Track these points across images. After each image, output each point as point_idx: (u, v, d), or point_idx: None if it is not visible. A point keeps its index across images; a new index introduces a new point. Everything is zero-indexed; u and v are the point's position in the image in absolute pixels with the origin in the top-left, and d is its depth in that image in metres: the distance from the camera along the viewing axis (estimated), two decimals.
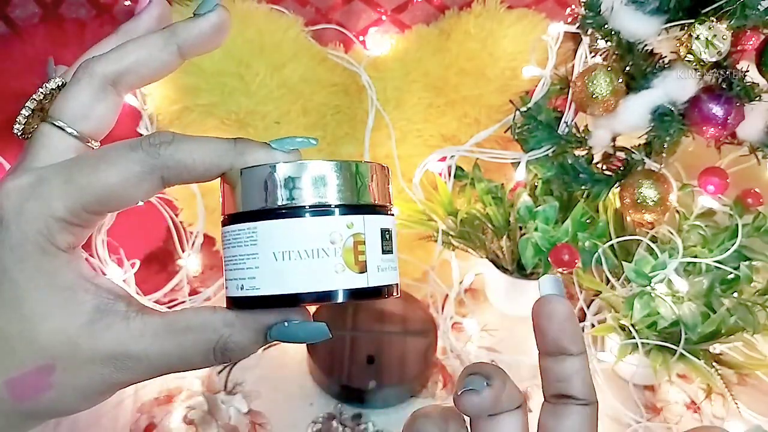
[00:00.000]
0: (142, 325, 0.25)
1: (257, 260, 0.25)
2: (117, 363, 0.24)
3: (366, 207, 0.25)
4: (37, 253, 0.24)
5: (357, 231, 0.25)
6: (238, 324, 0.25)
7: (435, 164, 0.70)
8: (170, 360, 0.25)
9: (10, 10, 0.66)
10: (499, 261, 0.72)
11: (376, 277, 0.25)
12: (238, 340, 0.25)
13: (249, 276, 0.25)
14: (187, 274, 0.78)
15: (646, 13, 0.54)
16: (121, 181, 0.25)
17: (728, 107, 0.54)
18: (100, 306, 0.25)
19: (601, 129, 0.60)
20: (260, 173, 0.25)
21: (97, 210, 0.25)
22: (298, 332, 0.25)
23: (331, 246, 0.24)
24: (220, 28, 0.28)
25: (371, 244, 0.25)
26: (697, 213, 0.64)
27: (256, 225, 0.25)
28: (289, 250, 0.24)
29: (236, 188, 0.25)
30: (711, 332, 0.60)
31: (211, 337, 0.25)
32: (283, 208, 0.25)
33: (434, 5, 0.72)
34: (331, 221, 0.25)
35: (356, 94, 0.72)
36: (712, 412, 0.67)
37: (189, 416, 0.67)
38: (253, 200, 0.25)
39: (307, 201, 0.25)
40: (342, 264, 0.24)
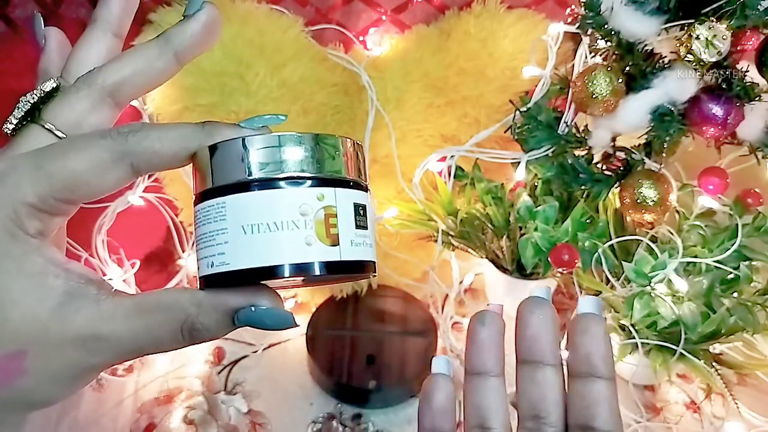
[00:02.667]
0: (112, 307, 0.25)
1: (226, 235, 0.24)
2: (88, 345, 0.24)
3: (338, 180, 0.25)
4: (5, 239, 0.24)
5: (328, 203, 0.24)
6: (205, 304, 0.25)
7: (435, 164, 0.70)
8: (140, 340, 0.25)
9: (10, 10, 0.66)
10: (499, 261, 0.72)
11: (350, 251, 0.25)
12: (204, 321, 0.25)
13: (219, 252, 0.24)
14: (187, 274, 0.78)
15: (646, 13, 0.54)
16: (89, 168, 0.25)
17: (728, 107, 0.54)
18: (70, 290, 0.25)
19: (601, 129, 0.60)
20: (227, 148, 0.25)
21: (66, 197, 0.25)
22: (264, 318, 0.25)
23: (302, 218, 0.24)
24: (211, 27, 0.28)
25: (343, 218, 0.25)
26: (697, 213, 0.64)
27: (225, 200, 0.24)
28: (258, 223, 0.24)
29: (204, 166, 0.25)
30: (711, 332, 0.60)
31: (178, 317, 0.25)
32: (252, 182, 0.24)
33: (434, 5, 0.72)
34: (301, 192, 0.24)
35: (356, 94, 0.72)
36: (712, 412, 0.67)
37: (189, 416, 0.67)
38: (221, 176, 0.25)
39: (275, 173, 0.24)
40: (313, 236, 0.24)
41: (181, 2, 0.65)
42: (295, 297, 0.80)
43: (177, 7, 0.65)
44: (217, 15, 0.28)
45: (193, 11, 0.28)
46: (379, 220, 0.72)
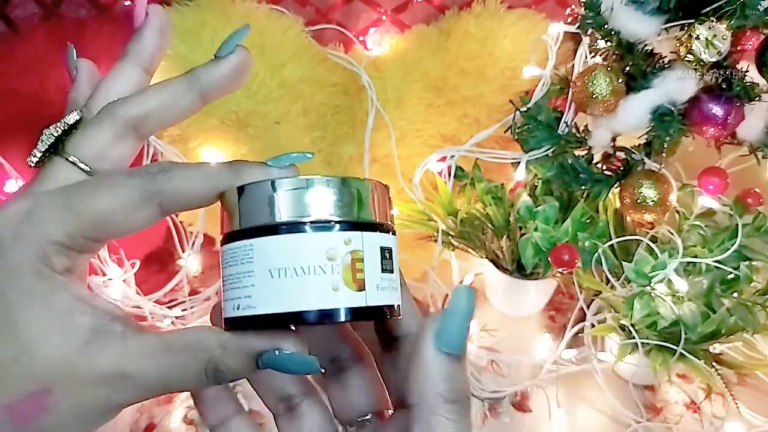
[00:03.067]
0: (138, 345, 0.24)
1: (253, 278, 0.24)
2: (114, 383, 0.24)
3: (365, 224, 0.25)
4: (33, 277, 0.24)
5: (355, 248, 0.24)
6: (230, 346, 0.25)
7: (435, 164, 0.70)
8: (165, 378, 0.24)
9: (10, 10, 0.66)
10: (499, 261, 0.72)
11: (375, 296, 0.24)
12: (229, 363, 0.25)
13: (245, 295, 0.24)
14: (187, 274, 0.78)
15: (646, 13, 0.54)
16: (118, 207, 0.25)
17: (728, 107, 0.54)
18: (96, 327, 0.24)
19: (601, 129, 0.60)
20: (255, 190, 0.25)
21: (94, 236, 0.25)
22: (288, 363, 0.24)
23: (329, 263, 0.24)
24: (241, 70, 0.28)
25: (370, 262, 0.24)
26: (697, 213, 0.64)
27: (252, 242, 0.24)
28: (285, 267, 0.23)
29: (232, 206, 0.25)
30: (711, 332, 0.60)
31: (203, 357, 0.24)
32: (279, 225, 0.24)
33: (434, 5, 0.72)
34: (329, 237, 0.24)
35: (356, 94, 0.72)
36: (712, 412, 0.67)
37: (189, 416, 0.67)
38: (249, 217, 0.24)
39: (303, 217, 0.24)
40: (340, 281, 0.24)
41: (181, 2, 0.65)
42: None
43: (177, 6, 0.65)
44: (248, 58, 0.28)
45: (225, 53, 0.28)
46: None
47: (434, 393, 0.23)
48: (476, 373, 0.71)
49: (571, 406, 0.68)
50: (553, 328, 0.77)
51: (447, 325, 0.24)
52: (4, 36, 0.67)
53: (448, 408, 0.23)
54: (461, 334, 0.24)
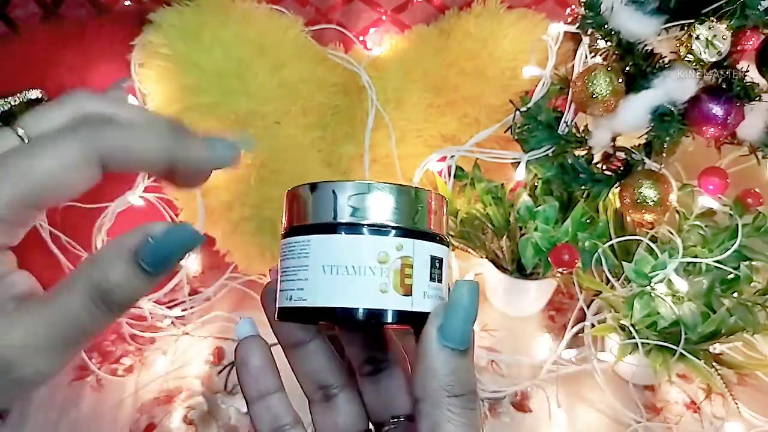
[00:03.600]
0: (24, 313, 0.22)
1: (307, 272, 0.25)
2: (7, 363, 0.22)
3: (418, 232, 0.26)
4: None
5: (406, 254, 0.25)
6: (105, 259, 0.22)
7: (435, 164, 0.70)
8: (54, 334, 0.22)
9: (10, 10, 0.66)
10: (499, 261, 0.72)
11: (421, 302, 0.25)
12: (113, 277, 0.22)
13: (298, 287, 0.25)
14: (187, 274, 0.78)
15: (646, 13, 0.54)
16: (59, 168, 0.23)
17: (728, 107, 0.54)
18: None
19: (601, 129, 0.60)
20: (321, 191, 0.26)
21: (36, 202, 0.23)
22: (165, 246, 0.22)
23: (379, 265, 0.25)
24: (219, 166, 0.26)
25: (419, 269, 0.25)
26: (697, 213, 0.64)
27: (310, 238, 0.25)
28: (337, 265, 0.25)
29: (298, 202, 0.26)
30: (711, 332, 0.60)
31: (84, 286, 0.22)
32: (337, 224, 0.25)
33: (434, 5, 0.72)
34: (381, 241, 0.25)
35: (356, 94, 0.72)
36: (712, 412, 0.67)
37: (189, 416, 0.67)
38: (310, 215, 0.26)
39: (360, 219, 0.25)
40: (388, 284, 0.25)
41: (181, 2, 0.65)
42: None
43: (177, 6, 0.65)
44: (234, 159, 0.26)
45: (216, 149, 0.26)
46: None
47: (438, 387, 0.23)
48: (476, 373, 0.71)
49: (571, 406, 0.68)
50: (553, 328, 0.77)
51: (450, 320, 0.24)
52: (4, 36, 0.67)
53: (453, 402, 0.23)
54: (465, 329, 0.24)
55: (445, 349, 0.24)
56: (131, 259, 0.22)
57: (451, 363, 0.24)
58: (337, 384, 0.30)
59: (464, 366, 0.24)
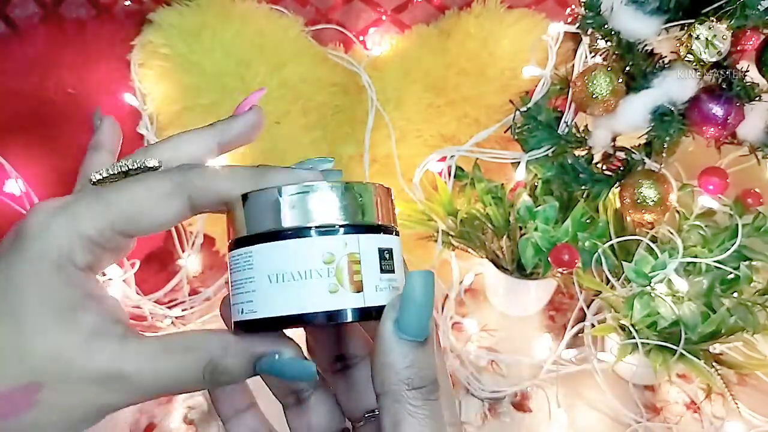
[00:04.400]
0: (137, 347, 0.24)
1: (254, 283, 0.25)
2: (108, 383, 0.24)
3: (360, 226, 0.25)
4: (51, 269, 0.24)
5: (351, 250, 0.25)
6: (231, 348, 0.25)
7: (435, 164, 0.70)
8: (162, 379, 0.24)
9: (10, 10, 0.66)
10: (499, 261, 0.72)
11: (374, 296, 0.25)
12: (228, 364, 0.25)
13: (248, 300, 0.25)
14: (187, 274, 0.78)
15: (646, 13, 0.54)
16: (150, 198, 0.25)
17: (728, 107, 0.54)
18: (97, 327, 0.24)
19: (601, 129, 0.60)
20: (254, 199, 0.25)
21: (124, 230, 0.25)
22: (284, 369, 0.25)
23: (325, 266, 0.24)
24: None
25: (367, 264, 0.25)
26: (697, 213, 0.64)
27: (251, 249, 0.25)
28: (282, 273, 0.24)
29: (235, 214, 0.26)
30: (711, 332, 0.60)
31: (203, 357, 0.25)
32: (276, 232, 0.25)
33: (434, 5, 0.72)
34: (323, 242, 0.24)
35: (356, 94, 0.72)
36: (712, 412, 0.67)
37: (189, 416, 0.67)
38: (248, 225, 0.25)
39: (300, 223, 0.24)
40: (335, 284, 0.24)
41: (181, 2, 0.65)
42: None
43: (177, 6, 0.65)
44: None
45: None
46: None
47: (398, 381, 0.23)
48: (476, 373, 0.71)
49: (571, 406, 0.68)
50: (553, 328, 0.77)
51: (405, 312, 0.23)
52: (4, 36, 0.67)
53: (413, 395, 0.23)
54: (422, 319, 0.23)
55: (402, 341, 0.23)
56: (251, 361, 0.25)
57: (410, 356, 0.23)
58: (308, 386, 0.30)
59: (423, 357, 0.24)
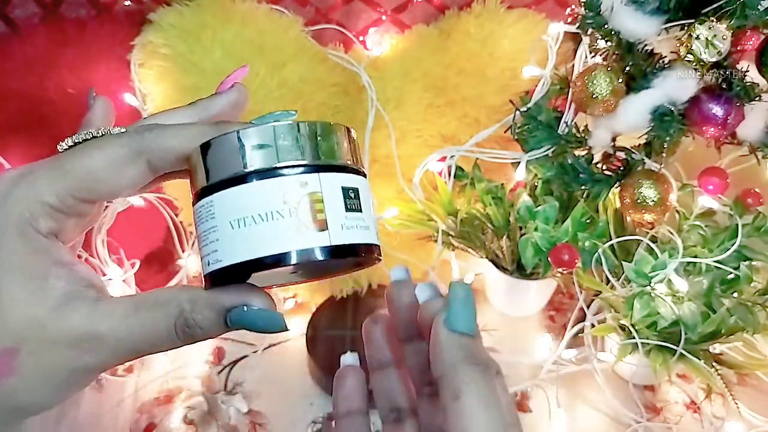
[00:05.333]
0: (109, 307, 0.25)
1: (217, 232, 0.25)
2: (83, 344, 0.24)
3: (323, 166, 0.25)
4: (15, 237, 0.24)
5: (312, 189, 0.24)
6: (200, 302, 0.25)
7: (435, 164, 0.70)
8: (135, 338, 0.25)
9: (10, 10, 0.66)
10: (499, 261, 0.72)
11: (341, 235, 0.24)
12: (198, 318, 0.25)
13: (213, 250, 0.25)
14: (187, 274, 0.78)
15: (646, 13, 0.54)
16: (106, 164, 0.25)
17: (728, 107, 0.54)
18: (70, 292, 0.25)
19: (601, 129, 0.60)
20: (210, 147, 0.25)
21: (84, 195, 0.25)
22: (255, 319, 0.25)
23: (285, 207, 0.24)
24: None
25: (331, 202, 0.25)
26: (697, 213, 0.64)
27: (212, 198, 0.25)
28: (243, 217, 0.24)
29: (195, 166, 0.26)
30: (711, 332, 0.60)
31: (172, 313, 0.25)
32: (234, 177, 0.24)
33: (434, 5, 0.72)
34: (283, 182, 0.24)
35: (356, 94, 0.72)
36: (712, 412, 0.67)
37: (189, 416, 0.67)
38: (208, 174, 0.25)
39: (256, 166, 0.24)
40: (298, 224, 0.24)
41: (181, 2, 0.65)
42: (295, 297, 0.80)
43: (177, 6, 0.65)
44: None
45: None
46: (379, 220, 0.72)
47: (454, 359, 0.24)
48: None
49: (571, 406, 0.68)
50: (553, 328, 0.77)
51: (453, 310, 0.25)
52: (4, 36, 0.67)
53: (471, 368, 0.23)
54: (468, 316, 0.25)
55: (455, 333, 0.24)
56: (221, 314, 0.25)
57: (463, 340, 0.24)
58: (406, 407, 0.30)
59: (475, 344, 0.25)
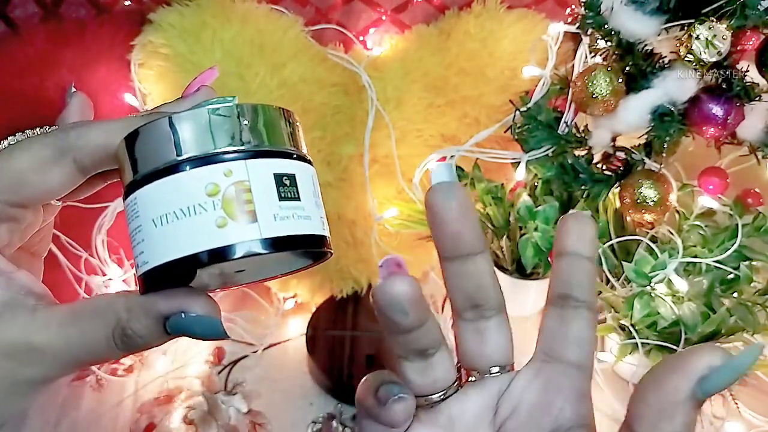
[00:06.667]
0: (47, 316, 0.24)
1: (142, 232, 0.23)
2: (20, 356, 0.23)
3: (248, 151, 0.23)
4: None
5: (238, 178, 0.22)
6: (136, 309, 0.24)
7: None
8: (73, 348, 0.24)
9: (10, 10, 0.66)
10: (499, 261, 0.72)
11: (274, 226, 0.22)
12: (135, 327, 0.23)
13: (140, 251, 0.23)
14: None
15: (646, 13, 0.54)
16: (30, 165, 0.24)
17: (728, 107, 0.54)
18: (8, 301, 0.24)
19: (601, 129, 0.60)
20: (131, 140, 0.23)
21: (12, 199, 0.25)
22: (193, 326, 0.23)
23: (209, 199, 0.22)
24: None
25: (260, 191, 0.22)
26: (697, 213, 0.64)
27: (135, 195, 0.23)
28: (165, 213, 0.22)
29: (122, 160, 0.24)
30: (711, 332, 0.60)
31: (109, 322, 0.24)
32: (154, 172, 0.22)
33: (434, 5, 0.72)
34: (204, 172, 0.22)
35: (356, 94, 0.72)
36: (712, 412, 0.67)
37: (189, 416, 0.67)
38: (134, 168, 0.23)
39: (175, 157, 0.22)
40: (224, 217, 0.22)
41: (181, 2, 0.65)
42: (295, 297, 0.80)
43: (177, 6, 0.65)
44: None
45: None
46: (379, 220, 0.72)
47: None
48: None
49: None
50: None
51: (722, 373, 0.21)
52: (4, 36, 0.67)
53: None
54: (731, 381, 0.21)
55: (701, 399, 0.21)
56: (159, 321, 0.23)
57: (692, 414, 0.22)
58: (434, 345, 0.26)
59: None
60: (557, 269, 0.27)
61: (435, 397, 0.27)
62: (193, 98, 0.28)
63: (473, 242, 0.25)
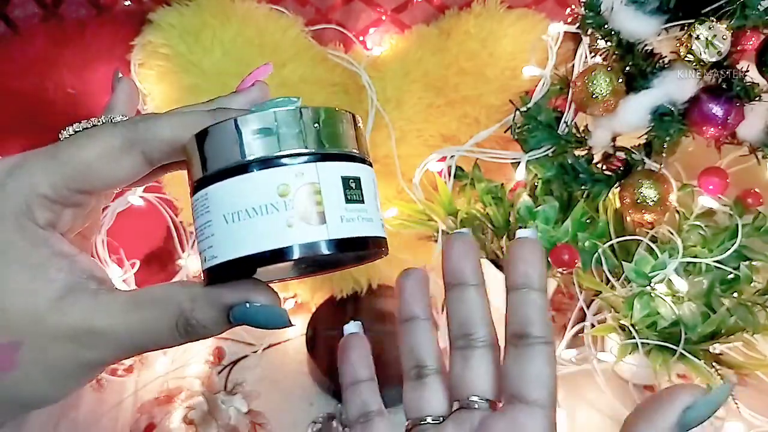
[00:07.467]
0: (109, 301, 0.24)
1: (212, 227, 0.23)
2: (83, 339, 0.24)
3: (320, 155, 0.23)
4: (13, 230, 0.24)
5: (309, 180, 0.23)
6: (200, 299, 0.24)
7: (435, 164, 0.70)
8: (135, 335, 0.24)
9: (10, 10, 0.66)
10: (499, 261, 0.72)
11: (340, 228, 0.23)
12: (199, 316, 0.24)
13: (209, 246, 0.24)
14: (187, 274, 0.77)
15: (646, 13, 0.54)
16: (100, 155, 0.25)
17: (728, 107, 0.54)
18: (70, 284, 0.24)
19: (601, 129, 0.60)
20: (204, 137, 0.24)
21: (78, 186, 0.25)
22: (258, 316, 0.24)
23: (281, 199, 0.22)
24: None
25: (329, 193, 0.23)
26: (697, 213, 0.64)
27: (207, 191, 0.24)
28: (237, 211, 0.23)
29: (190, 157, 0.25)
30: (711, 332, 0.60)
31: (173, 311, 0.24)
32: (228, 169, 0.23)
33: (434, 5, 0.72)
34: (277, 173, 0.23)
35: (356, 94, 0.72)
36: None
37: (189, 416, 0.67)
38: (204, 164, 0.24)
39: (253, 156, 0.23)
40: (295, 217, 0.22)
41: (181, 2, 0.65)
42: (295, 297, 0.80)
43: (177, 6, 0.65)
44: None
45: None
46: None
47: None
48: None
49: (571, 406, 0.68)
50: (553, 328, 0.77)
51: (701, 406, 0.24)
52: (4, 36, 0.67)
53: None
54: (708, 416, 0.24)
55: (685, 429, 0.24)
56: (223, 311, 0.24)
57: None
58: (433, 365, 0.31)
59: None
60: (510, 306, 0.29)
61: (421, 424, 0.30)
62: (247, 93, 0.29)
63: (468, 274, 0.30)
